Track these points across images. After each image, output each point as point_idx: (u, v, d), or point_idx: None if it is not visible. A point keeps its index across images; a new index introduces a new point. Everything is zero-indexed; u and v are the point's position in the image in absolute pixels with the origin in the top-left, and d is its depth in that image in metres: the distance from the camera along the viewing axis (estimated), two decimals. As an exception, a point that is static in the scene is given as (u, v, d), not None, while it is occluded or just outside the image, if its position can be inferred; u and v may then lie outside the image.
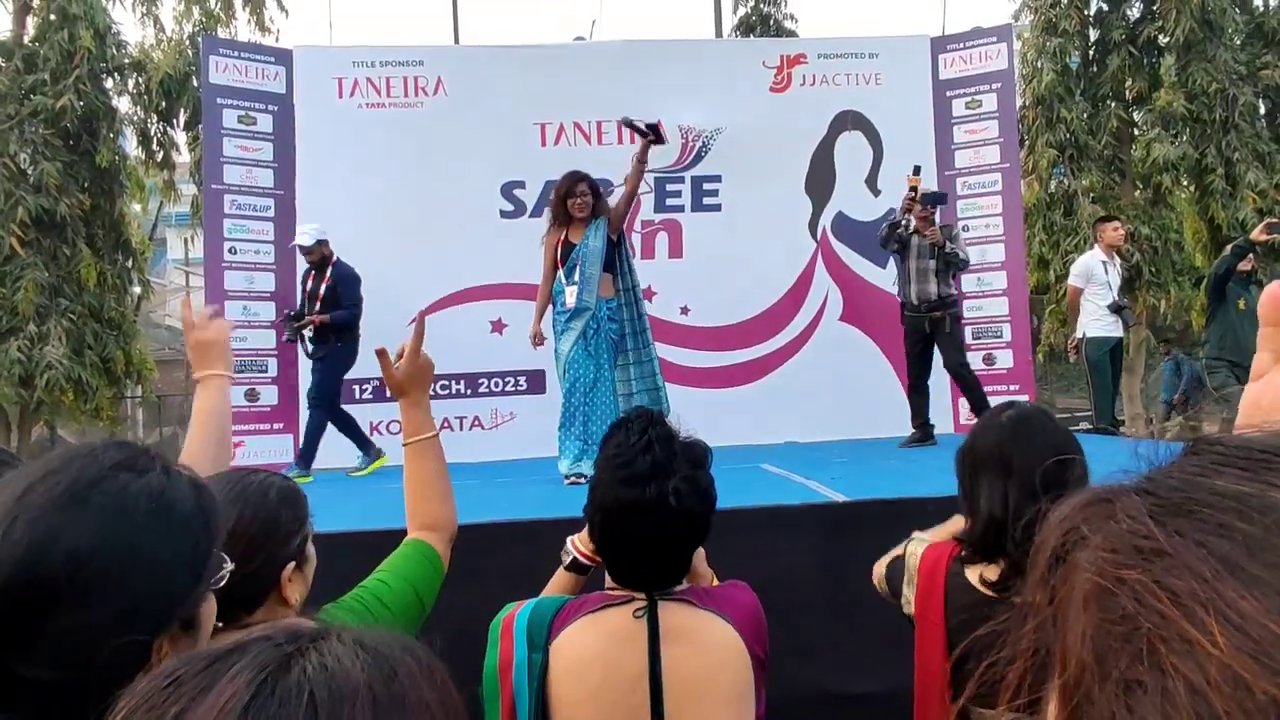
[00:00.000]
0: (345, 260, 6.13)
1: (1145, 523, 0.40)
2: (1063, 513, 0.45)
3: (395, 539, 3.27)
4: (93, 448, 0.85)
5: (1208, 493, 0.40)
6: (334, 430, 6.14)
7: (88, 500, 0.79)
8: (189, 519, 0.85)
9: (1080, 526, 0.43)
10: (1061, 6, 10.72)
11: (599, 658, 1.47)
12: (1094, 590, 0.40)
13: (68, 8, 9.17)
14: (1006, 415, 1.73)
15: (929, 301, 5.92)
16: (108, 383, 9.66)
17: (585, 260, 4.99)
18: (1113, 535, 0.41)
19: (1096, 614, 0.39)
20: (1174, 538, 0.39)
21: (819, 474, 4.39)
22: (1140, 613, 0.37)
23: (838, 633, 3.06)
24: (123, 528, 0.79)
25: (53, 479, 0.80)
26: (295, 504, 1.47)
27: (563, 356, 4.98)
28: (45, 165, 9.03)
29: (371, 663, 0.52)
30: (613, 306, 5.08)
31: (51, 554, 0.76)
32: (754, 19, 13.53)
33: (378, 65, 7.27)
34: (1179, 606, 0.36)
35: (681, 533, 1.49)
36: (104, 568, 0.77)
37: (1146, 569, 0.38)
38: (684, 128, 7.44)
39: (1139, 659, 0.37)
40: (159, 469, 0.85)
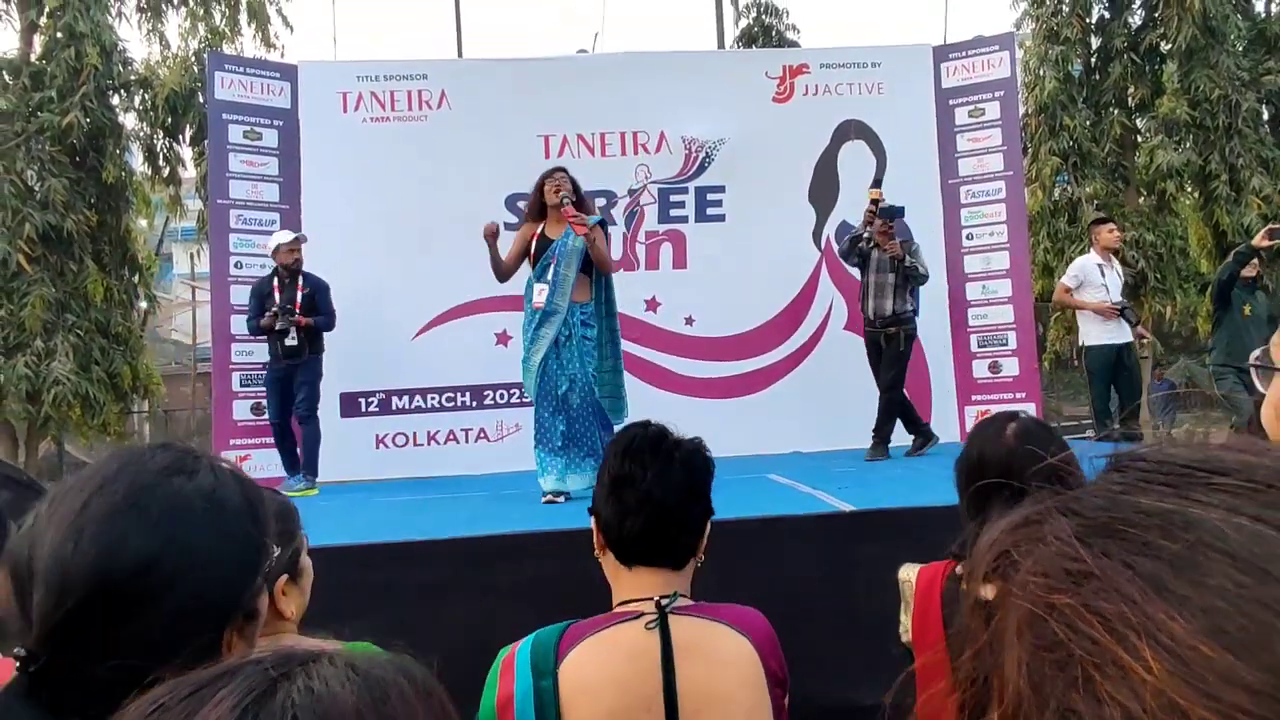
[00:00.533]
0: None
1: (1072, 544, 0.39)
2: (992, 536, 0.44)
3: (400, 551, 3.28)
4: (140, 453, 0.87)
5: (1131, 511, 0.39)
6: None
7: (147, 507, 0.82)
8: (240, 513, 0.87)
9: (1009, 551, 0.42)
10: (1063, 15, 10.75)
11: (611, 676, 1.45)
12: (1026, 617, 0.39)
13: (74, 26, 9.23)
14: (1011, 430, 1.70)
15: (884, 317, 5.95)
16: (114, 398, 9.69)
17: (561, 259, 4.60)
18: (1042, 559, 0.40)
19: (1030, 640, 0.39)
20: (1100, 559, 0.38)
21: (826, 484, 4.39)
22: (1072, 640, 0.37)
23: (846, 643, 3.04)
24: (182, 530, 0.82)
25: (110, 489, 0.82)
26: (286, 518, 1.49)
27: (533, 369, 4.64)
28: (52, 182, 9.08)
29: (362, 685, 0.51)
30: (587, 312, 4.70)
31: (120, 561, 0.79)
32: (756, 30, 13.60)
33: (382, 79, 7.30)
34: (1110, 632, 0.36)
35: (685, 487, 1.52)
36: (169, 570, 0.80)
37: (1076, 593, 0.38)
38: (687, 139, 7.46)
39: (1074, 687, 0.36)
40: (206, 467, 0.88)
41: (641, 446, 1.55)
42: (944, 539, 1.92)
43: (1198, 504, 0.38)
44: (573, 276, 4.58)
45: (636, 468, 1.51)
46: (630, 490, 1.50)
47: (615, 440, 1.64)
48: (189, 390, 16.92)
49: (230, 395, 6.82)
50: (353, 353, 6.91)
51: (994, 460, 1.67)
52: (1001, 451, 1.67)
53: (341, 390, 6.97)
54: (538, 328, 4.57)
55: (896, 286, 5.92)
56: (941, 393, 7.39)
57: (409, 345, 7.01)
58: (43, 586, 0.78)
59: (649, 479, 1.50)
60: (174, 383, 16.23)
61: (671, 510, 1.50)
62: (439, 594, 3.19)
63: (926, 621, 1.73)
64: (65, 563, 0.78)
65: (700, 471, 1.56)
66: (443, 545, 3.37)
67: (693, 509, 1.54)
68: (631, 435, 1.60)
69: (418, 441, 7.04)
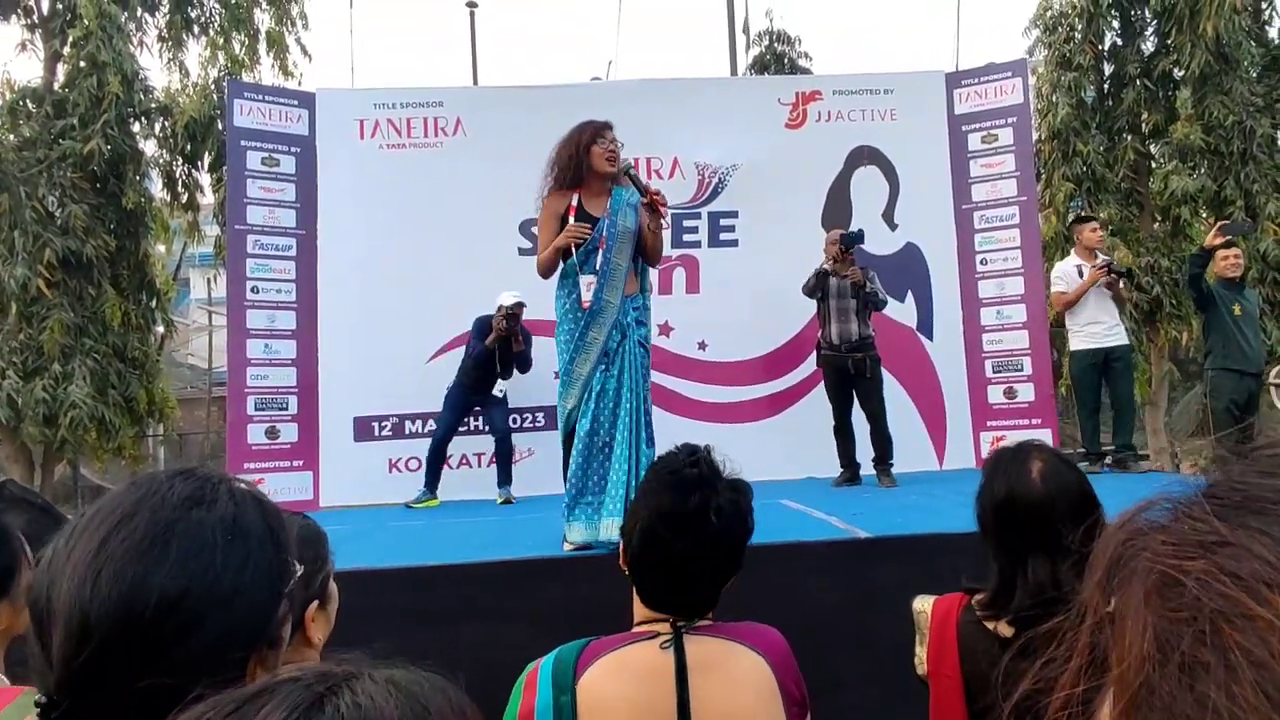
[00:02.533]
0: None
1: (1207, 519, 0.41)
2: (1125, 517, 0.46)
3: (412, 576, 3.27)
4: (158, 485, 0.85)
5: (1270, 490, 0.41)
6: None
7: (168, 544, 0.80)
8: (263, 540, 0.86)
9: (1143, 530, 0.44)
10: (1075, 41, 10.77)
11: (626, 695, 1.45)
12: (1157, 583, 0.41)
13: (97, 55, 9.38)
14: (1038, 472, 1.66)
15: (850, 341, 5.96)
16: (130, 421, 9.74)
17: (612, 243, 3.64)
18: (1175, 533, 0.42)
19: (1159, 605, 0.40)
20: (1237, 530, 0.40)
21: (840, 510, 4.36)
22: (1204, 596, 0.38)
23: (863, 670, 3.01)
24: (205, 565, 0.80)
25: (128, 525, 0.80)
26: (316, 544, 1.47)
27: (576, 384, 3.63)
28: (73, 208, 9.19)
29: (405, 701, 0.51)
30: (639, 307, 3.77)
31: (142, 603, 0.77)
32: (768, 58, 13.71)
33: (398, 107, 7.39)
34: (1243, 588, 0.37)
35: (718, 552, 1.49)
36: (194, 608, 0.78)
37: (1209, 558, 0.39)
38: (700, 164, 7.50)
39: (1201, 641, 0.37)
40: (225, 494, 0.86)
41: (681, 513, 1.48)
42: (960, 566, 1.90)
43: None
44: (625, 266, 3.67)
45: (669, 533, 1.48)
46: (660, 552, 1.49)
47: (656, 479, 1.55)
48: (204, 414, 17.00)
49: (245, 419, 6.85)
50: (366, 376, 6.95)
51: (1026, 504, 1.64)
52: (1033, 496, 1.64)
53: (355, 414, 6.99)
54: (585, 331, 3.62)
55: (858, 311, 5.96)
56: (956, 418, 7.35)
57: (423, 369, 7.04)
58: (63, 630, 0.77)
59: (681, 549, 1.47)
60: (190, 407, 16.32)
61: (697, 578, 1.50)
62: (450, 620, 3.17)
63: (942, 654, 1.71)
64: (85, 605, 0.76)
65: (737, 538, 1.52)
66: (455, 570, 3.36)
67: (719, 575, 1.53)
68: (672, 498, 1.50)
69: (430, 466, 7.04)
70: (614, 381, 3.61)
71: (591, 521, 3.55)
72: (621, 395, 3.60)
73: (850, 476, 6.09)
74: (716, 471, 1.54)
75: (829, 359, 6.08)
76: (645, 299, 3.87)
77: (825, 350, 6.10)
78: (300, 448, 6.94)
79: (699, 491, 1.49)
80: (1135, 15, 10.90)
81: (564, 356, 3.70)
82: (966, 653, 1.68)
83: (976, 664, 1.66)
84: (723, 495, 1.50)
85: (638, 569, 1.52)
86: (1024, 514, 1.63)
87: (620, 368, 3.62)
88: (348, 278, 7.09)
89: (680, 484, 1.51)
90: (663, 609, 1.51)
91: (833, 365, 6.07)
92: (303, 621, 1.38)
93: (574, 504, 3.60)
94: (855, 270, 5.91)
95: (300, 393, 6.99)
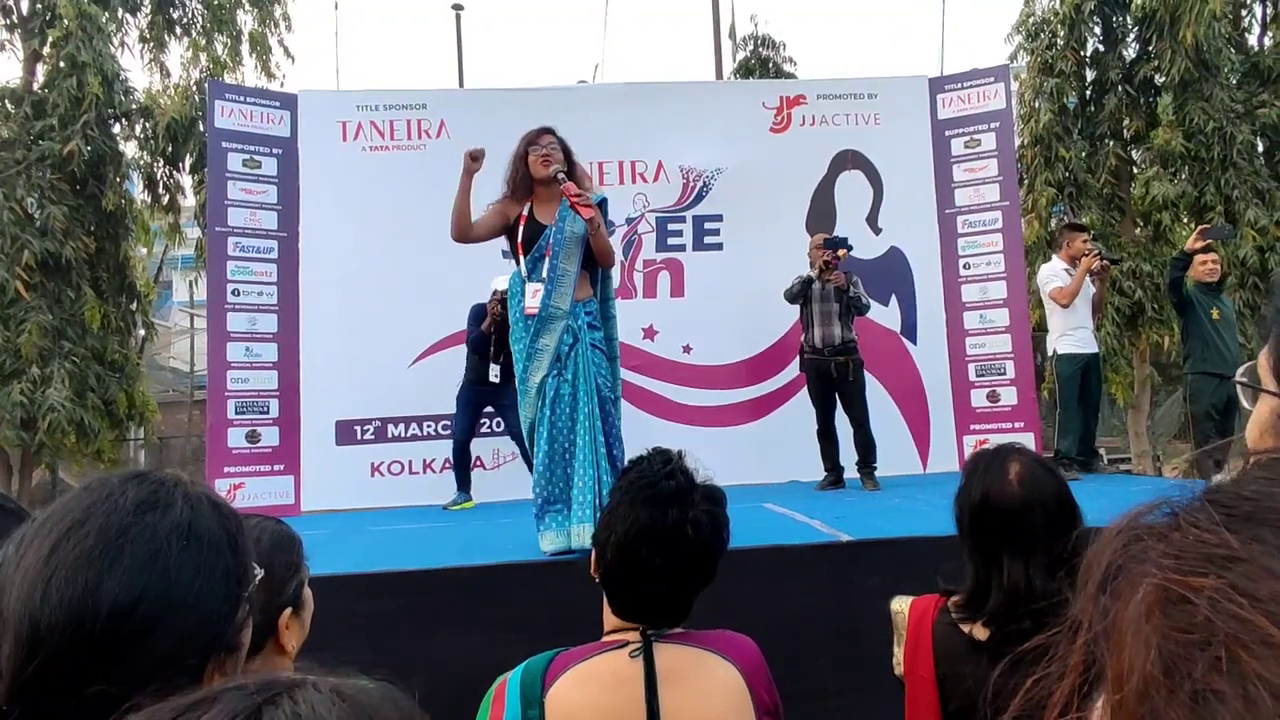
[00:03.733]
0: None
1: (1215, 530, 0.38)
2: (1120, 524, 0.43)
3: (393, 580, 3.24)
4: (110, 490, 0.83)
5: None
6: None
7: (121, 550, 0.78)
8: (219, 545, 0.84)
9: (1141, 537, 0.41)
10: (1057, 48, 10.85)
11: (595, 705, 1.43)
12: (1159, 599, 0.38)
13: (77, 55, 9.31)
14: (1015, 474, 1.66)
15: (833, 345, 5.98)
16: (110, 425, 9.66)
17: (559, 249, 3.64)
18: (1179, 545, 0.39)
19: (1163, 624, 0.37)
20: (1250, 544, 0.37)
21: (822, 513, 4.35)
22: (1216, 619, 0.35)
23: (843, 673, 3.00)
24: (158, 572, 0.78)
25: (79, 531, 0.78)
26: (289, 549, 1.44)
27: (532, 392, 3.62)
28: (52, 209, 9.12)
29: (349, 711, 0.50)
30: (592, 311, 3.75)
31: (95, 612, 0.75)
32: (753, 62, 13.74)
33: (381, 109, 7.35)
34: (1261, 611, 0.34)
35: (692, 565, 1.47)
36: (147, 617, 0.77)
37: (1221, 575, 0.36)
38: (685, 168, 7.50)
39: (1215, 668, 0.34)
40: (180, 499, 0.84)
41: (659, 528, 1.45)
42: (941, 569, 1.89)
43: None
44: (574, 271, 3.66)
45: (647, 549, 1.46)
46: (636, 566, 1.47)
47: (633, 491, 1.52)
48: (185, 418, 16.87)
49: (225, 423, 6.79)
50: (348, 380, 6.91)
51: (1001, 507, 1.64)
52: (1009, 498, 1.64)
53: (337, 418, 6.95)
54: (534, 338, 3.62)
55: (841, 315, 5.98)
56: (940, 422, 7.37)
57: (405, 373, 7.00)
58: (12, 639, 0.75)
59: (654, 565, 1.45)
60: (172, 410, 16.19)
61: (672, 590, 1.48)
62: (432, 624, 3.15)
63: (917, 655, 1.70)
64: (35, 614, 0.74)
65: (712, 551, 1.50)
66: (436, 575, 3.33)
67: (693, 586, 1.51)
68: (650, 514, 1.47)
69: (413, 469, 7.01)
70: (568, 387, 3.60)
71: (562, 529, 3.53)
72: (578, 400, 3.58)
73: (834, 480, 6.10)
74: (693, 482, 1.51)
75: (812, 362, 6.09)
76: (601, 304, 3.86)
77: (808, 354, 6.12)
78: (281, 452, 6.88)
79: (676, 506, 1.46)
80: (1117, 22, 10.99)
81: (518, 365, 3.71)
82: (941, 654, 1.68)
83: (950, 666, 1.66)
84: (699, 507, 1.48)
85: (611, 580, 1.50)
86: (999, 516, 1.63)
87: (574, 373, 3.60)
88: (330, 280, 7.05)
89: (657, 499, 1.48)
90: (634, 618, 1.49)
91: (816, 369, 6.08)
92: (275, 629, 1.35)
93: (542, 512, 3.58)
94: (839, 275, 5.92)
95: (281, 396, 6.93)
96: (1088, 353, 6.36)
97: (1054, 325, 6.42)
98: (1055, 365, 6.40)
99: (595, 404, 3.59)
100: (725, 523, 1.52)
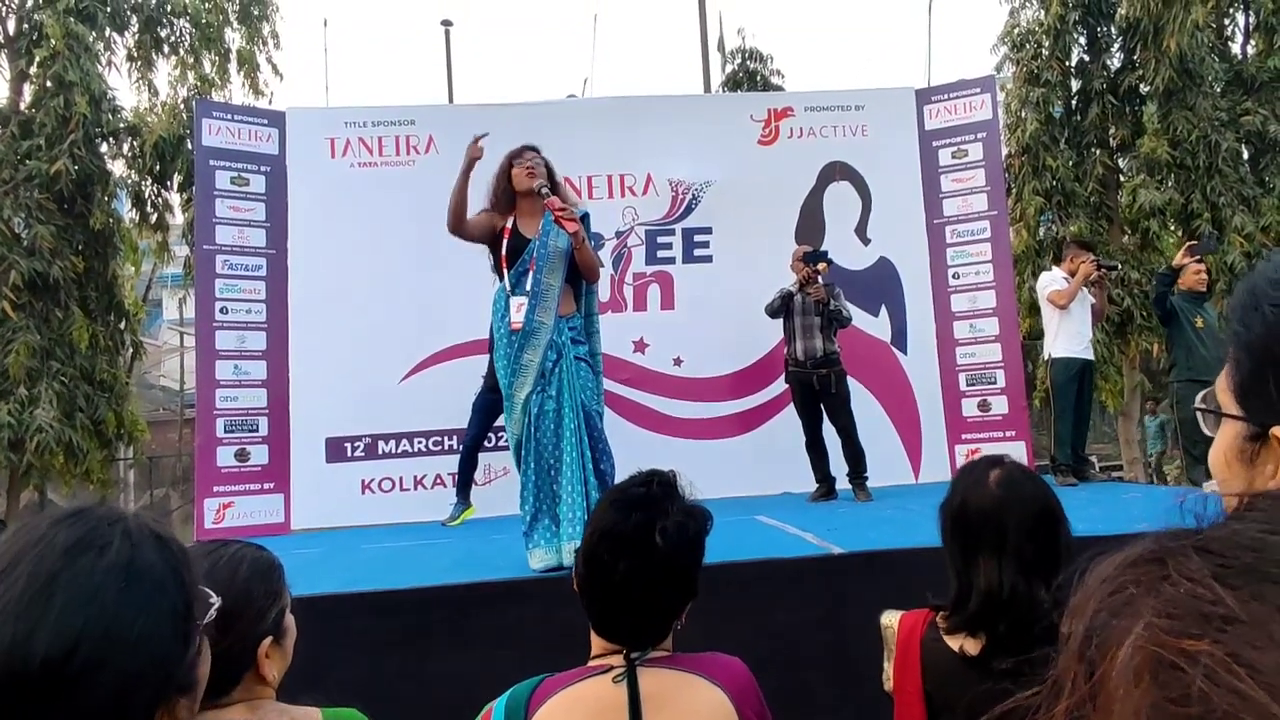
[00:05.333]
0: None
1: (1210, 585, 0.34)
2: (1105, 573, 0.39)
3: (385, 599, 3.21)
4: (41, 534, 0.78)
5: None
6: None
7: (51, 597, 0.74)
8: (162, 581, 0.80)
9: (1128, 588, 0.37)
10: (1043, 58, 10.93)
11: None
12: (1150, 663, 0.34)
13: (64, 75, 9.29)
14: (994, 478, 1.67)
15: (815, 358, 5.99)
16: (99, 445, 9.60)
17: (542, 264, 3.63)
18: (1170, 600, 0.35)
19: (1154, 692, 0.34)
20: (1249, 604, 0.33)
21: (815, 526, 4.34)
22: (1213, 692, 0.32)
23: (835, 687, 2.99)
24: (95, 616, 0.75)
25: (6, 580, 0.75)
26: (269, 577, 1.40)
27: (518, 408, 3.61)
28: (39, 229, 9.08)
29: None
30: (576, 327, 3.74)
31: (26, 662, 0.71)
32: (741, 75, 13.81)
33: (370, 125, 7.35)
34: (1263, 685, 0.31)
35: (662, 577, 1.43)
36: (84, 663, 0.73)
37: (1218, 639, 0.33)
38: (674, 181, 7.50)
39: None
40: (120, 535, 0.80)
41: (621, 532, 1.43)
42: (934, 581, 1.88)
43: None
44: (558, 286, 3.66)
45: (609, 556, 1.42)
46: (602, 573, 1.44)
47: (604, 498, 1.53)
48: (175, 437, 16.78)
49: (214, 442, 6.75)
50: (338, 397, 6.87)
51: (978, 509, 1.64)
52: (985, 500, 1.64)
53: (327, 435, 6.91)
54: (518, 354, 3.61)
55: (822, 327, 5.98)
56: (931, 432, 7.37)
57: (395, 389, 6.97)
58: None
59: (623, 570, 1.42)
60: (162, 429, 16.10)
61: (642, 603, 1.44)
62: (424, 642, 3.12)
63: (906, 670, 1.69)
64: None
65: (684, 564, 1.46)
66: (428, 593, 3.31)
67: (667, 602, 1.46)
68: (613, 517, 1.46)
69: (404, 486, 6.97)
70: (552, 402, 3.58)
71: (552, 545, 3.51)
72: (563, 415, 3.57)
73: (825, 491, 6.09)
74: (670, 495, 1.48)
75: (795, 375, 6.10)
76: (585, 320, 3.86)
77: (791, 367, 6.12)
78: (271, 470, 6.84)
79: (641, 511, 1.44)
80: (1101, 32, 11.08)
81: (503, 380, 3.70)
82: (929, 670, 1.67)
83: (938, 681, 1.65)
84: (671, 517, 1.44)
85: (584, 592, 1.48)
86: (975, 518, 1.64)
87: (558, 388, 3.59)
88: (319, 297, 7.02)
89: (622, 503, 1.46)
90: (612, 637, 1.47)
91: (799, 381, 6.08)
92: (256, 659, 1.33)
93: (531, 529, 3.57)
94: (819, 287, 5.92)
95: (271, 414, 6.89)
96: (1083, 358, 6.38)
97: (1051, 330, 6.42)
98: (1051, 370, 6.41)
99: (580, 419, 3.58)
100: (699, 536, 1.49)
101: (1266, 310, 0.69)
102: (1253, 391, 0.71)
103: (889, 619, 1.79)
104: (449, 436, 6.90)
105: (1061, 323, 6.35)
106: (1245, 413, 0.72)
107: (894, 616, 1.78)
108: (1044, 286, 6.50)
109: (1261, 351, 0.69)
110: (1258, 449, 0.70)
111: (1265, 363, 0.69)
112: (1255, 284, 0.70)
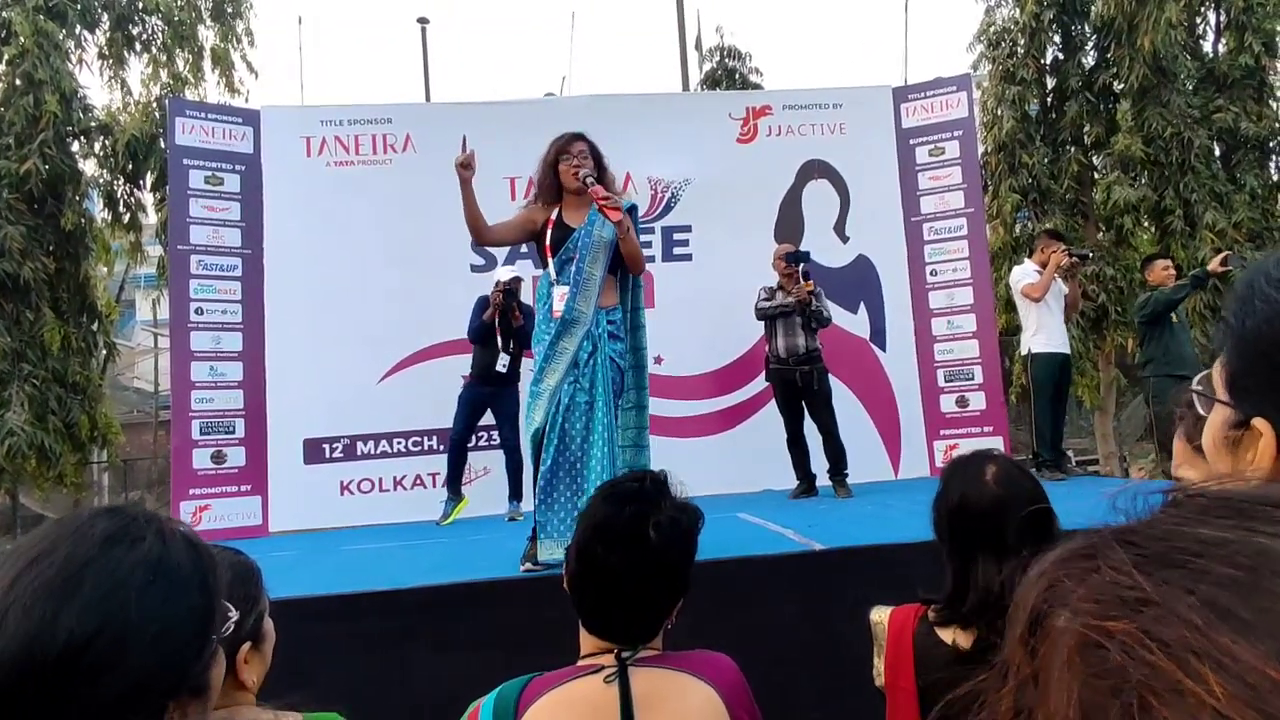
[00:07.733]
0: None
1: (1129, 573, 0.38)
2: (1042, 567, 0.43)
3: (365, 601, 3.19)
4: (80, 523, 0.81)
5: (1192, 540, 0.39)
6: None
7: (81, 582, 0.76)
8: (188, 582, 0.82)
9: (1062, 580, 0.41)
10: (1018, 56, 11.01)
11: None
12: (1078, 644, 0.38)
13: (33, 73, 9.16)
14: (991, 475, 1.68)
15: (797, 355, 6.01)
16: (72, 448, 9.48)
17: (585, 253, 3.61)
18: (1096, 587, 0.39)
19: (1082, 669, 0.37)
20: (1161, 586, 0.37)
21: (796, 522, 4.34)
22: (1129, 664, 0.35)
23: (822, 682, 2.99)
24: (121, 604, 0.76)
25: (42, 563, 0.76)
26: (246, 581, 1.40)
27: (544, 395, 3.52)
28: (9, 229, 8.95)
29: None
30: (615, 320, 3.69)
31: (48, 644, 0.73)
32: (720, 73, 13.82)
33: (346, 124, 7.29)
34: (1171, 657, 0.35)
35: (654, 571, 1.43)
36: (104, 651, 0.74)
37: (1134, 619, 0.37)
38: (653, 179, 7.50)
39: (1129, 714, 0.35)
40: (153, 534, 0.82)
41: (615, 525, 1.43)
42: (916, 575, 1.89)
43: (1262, 534, 0.38)
44: (600, 276, 3.61)
45: (603, 549, 1.42)
46: (593, 567, 1.44)
47: (600, 496, 1.52)
48: (150, 439, 16.60)
49: (190, 444, 6.68)
50: (317, 398, 6.82)
51: (978, 507, 1.65)
52: (985, 498, 1.65)
53: (305, 436, 6.86)
54: (555, 340, 3.55)
55: (804, 324, 6.00)
56: (911, 428, 7.41)
57: (374, 390, 6.92)
58: None
59: (614, 564, 1.42)
60: (136, 431, 15.92)
61: (633, 599, 1.44)
62: (408, 644, 3.09)
63: (898, 665, 1.69)
64: None
65: (676, 559, 1.46)
66: (410, 594, 3.28)
67: (659, 597, 1.46)
68: (606, 510, 1.46)
69: (383, 487, 6.93)
70: (584, 395, 3.51)
71: (564, 539, 3.39)
72: (595, 409, 3.49)
73: (806, 488, 6.10)
74: (663, 491, 1.49)
75: (777, 372, 6.11)
76: (626, 314, 3.79)
77: (773, 364, 6.13)
78: (248, 472, 6.78)
79: (634, 504, 1.44)
80: (1076, 30, 11.17)
81: (536, 364, 3.62)
82: (921, 664, 1.67)
83: (932, 676, 1.65)
84: (664, 513, 1.45)
85: (576, 587, 1.47)
86: (975, 516, 1.64)
87: (592, 380, 3.52)
88: (295, 297, 6.96)
89: (615, 496, 1.47)
90: (603, 634, 1.46)
91: (781, 378, 6.09)
92: (234, 665, 1.31)
93: (544, 519, 3.48)
94: (800, 287, 5.93)
95: (248, 415, 6.83)
96: (1062, 353, 6.41)
97: (1028, 325, 6.42)
98: (1031, 365, 6.41)
99: (612, 416, 3.52)
100: (692, 533, 1.49)
101: (1259, 306, 0.71)
102: (1241, 383, 0.75)
103: (878, 615, 1.79)
104: (429, 437, 6.86)
105: (1040, 318, 6.37)
106: (1234, 401, 0.76)
107: (884, 613, 1.78)
108: (1017, 280, 6.52)
109: (1251, 345, 0.73)
110: (1240, 436, 0.75)
111: (1253, 356, 0.73)
112: (1254, 279, 0.73)
